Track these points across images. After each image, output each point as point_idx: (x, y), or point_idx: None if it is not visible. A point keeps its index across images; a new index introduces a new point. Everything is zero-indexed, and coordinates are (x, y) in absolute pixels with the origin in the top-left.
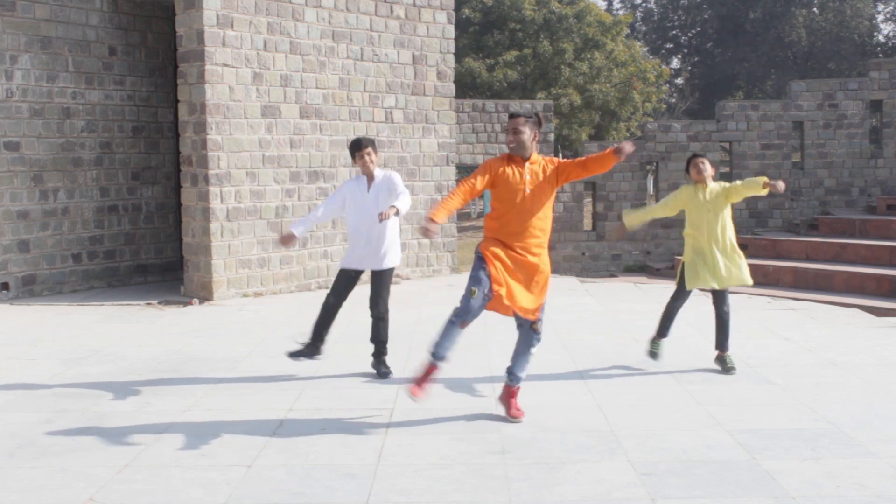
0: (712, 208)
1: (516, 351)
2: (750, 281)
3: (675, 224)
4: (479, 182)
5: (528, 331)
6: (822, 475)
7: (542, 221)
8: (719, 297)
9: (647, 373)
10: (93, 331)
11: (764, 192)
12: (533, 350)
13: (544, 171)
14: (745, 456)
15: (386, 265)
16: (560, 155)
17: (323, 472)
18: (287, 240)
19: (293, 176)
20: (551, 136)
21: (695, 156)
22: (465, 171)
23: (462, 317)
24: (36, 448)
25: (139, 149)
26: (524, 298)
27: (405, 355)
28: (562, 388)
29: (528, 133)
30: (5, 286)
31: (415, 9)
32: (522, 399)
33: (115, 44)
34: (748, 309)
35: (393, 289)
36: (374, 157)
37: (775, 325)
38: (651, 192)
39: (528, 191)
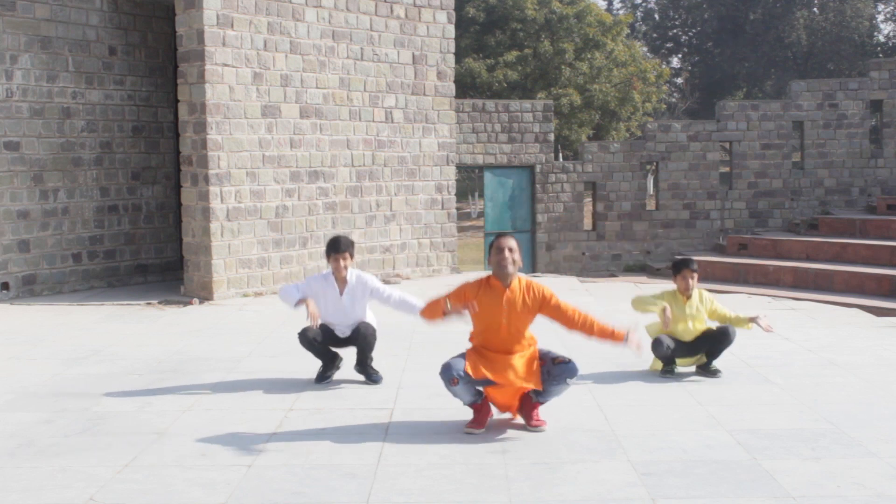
0: (692, 318)
1: (552, 382)
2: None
3: (674, 224)
4: (450, 304)
5: (556, 366)
6: (823, 475)
7: (523, 336)
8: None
9: (648, 373)
10: (93, 331)
11: (748, 328)
12: (570, 381)
13: (524, 302)
14: (745, 456)
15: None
16: (560, 156)
17: (323, 472)
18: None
19: (293, 176)
20: (551, 137)
21: (685, 265)
22: (465, 171)
23: (445, 376)
24: (36, 448)
25: (139, 149)
26: (514, 379)
27: (405, 355)
28: None
29: (518, 254)
30: (5, 286)
31: (415, 9)
32: None
33: (115, 44)
34: (748, 309)
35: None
36: (349, 262)
37: (775, 325)
38: (651, 192)
39: (505, 321)
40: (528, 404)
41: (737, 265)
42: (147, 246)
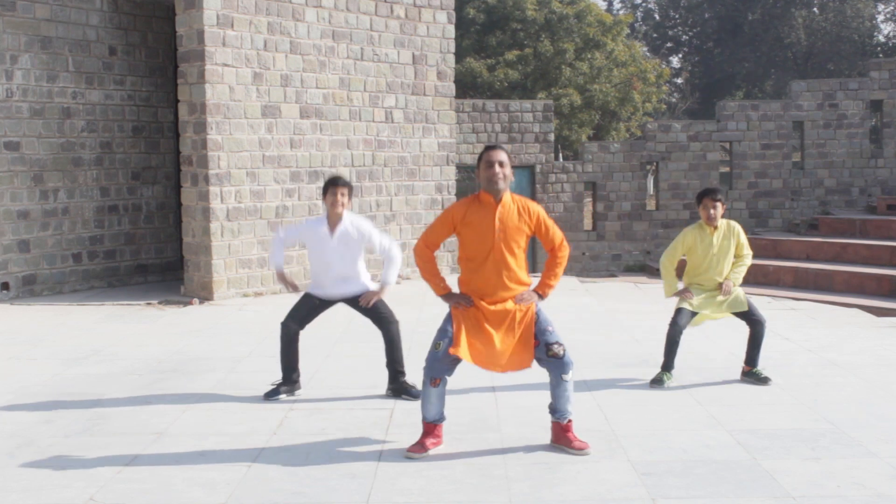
0: (719, 251)
1: (551, 384)
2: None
3: (675, 224)
4: (439, 236)
5: (550, 359)
6: (823, 475)
7: (518, 262)
8: (748, 317)
9: (648, 373)
10: (93, 331)
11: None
12: (567, 377)
13: (519, 215)
14: (745, 456)
15: (359, 292)
16: (560, 156)
17: (323, 472)
18: (284, 281)
19: (293, 176)
20: (551, 137)
21: (708, 194)
22: (464, 171)
23: (429, 373)
24: (36, 448)
25: (139, 149)
26: (504, 356)
27: (404, 355)
28: None
29: (510, 167)
30: (5, 286)
31: (415, 9)
32: (524, 399)
33: (116, 44)
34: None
35: (392, 289)
36: (346, 200)
37: (775, 325)
38: (651, 193)
39: (498, 238)
40: (557, 429)
41: None
42: (147, 246)
